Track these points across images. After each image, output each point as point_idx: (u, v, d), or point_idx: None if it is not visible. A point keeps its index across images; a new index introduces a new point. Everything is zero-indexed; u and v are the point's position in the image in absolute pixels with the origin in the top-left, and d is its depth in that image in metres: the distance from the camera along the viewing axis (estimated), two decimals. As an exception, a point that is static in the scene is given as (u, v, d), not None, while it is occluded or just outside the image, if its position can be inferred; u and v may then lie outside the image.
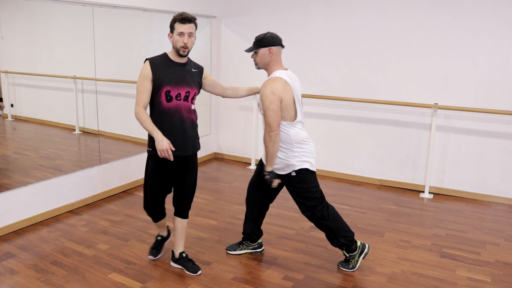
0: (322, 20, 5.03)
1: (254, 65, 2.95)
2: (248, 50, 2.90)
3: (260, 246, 3.35)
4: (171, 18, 2.71)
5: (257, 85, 3.17)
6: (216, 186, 4.95)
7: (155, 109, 2.77)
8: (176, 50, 2.74)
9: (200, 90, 2.92)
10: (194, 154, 2.95)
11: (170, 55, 2.79)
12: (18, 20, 3.83)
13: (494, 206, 4.42)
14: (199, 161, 5.84)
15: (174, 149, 2.69)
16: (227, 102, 5.84)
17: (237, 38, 5.64)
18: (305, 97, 5.18)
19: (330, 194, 4.62)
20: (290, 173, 2.90)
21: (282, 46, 2.90)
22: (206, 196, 4.59)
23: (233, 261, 3.23)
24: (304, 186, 2.91)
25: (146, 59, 2.76)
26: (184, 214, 3.05)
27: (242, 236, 3.35)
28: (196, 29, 2.73)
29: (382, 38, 4.74)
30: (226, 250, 3.36)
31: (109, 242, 3.47)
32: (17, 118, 4.08)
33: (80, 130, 4.51)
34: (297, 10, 5.15)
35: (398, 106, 4.77)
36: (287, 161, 2.87)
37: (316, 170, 2.97)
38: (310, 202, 2.93)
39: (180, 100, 2.75)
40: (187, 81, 2.78)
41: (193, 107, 2.85)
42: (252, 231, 3.27)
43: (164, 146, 2.61)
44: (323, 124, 5.25)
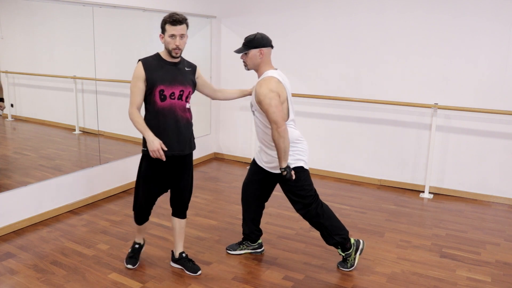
0: (322, 20, 5.03)
1: (244, 66, 2.94)
2: (238, 51, 2.88)
3: (260, 246, 3.35)
4: (162, 19, 2.69)
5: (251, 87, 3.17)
6: (216, 186, 4.95)
7: (150, 108, 2.77)
8: (168, 52, 2.74)
9: (194, 88, 2.91)
10: (190, 154, 2.95)
11: (163, 55, 2.79)
12: (18, 20, 3.83)
13: (494, 206, 4.42)
14: (199, 161, 5.84)
15: (166, 149, 2.69)
16: (227, 102, 5.83)
17: (237, 38, 5.64)
18: (305, 97, 5.20)
19: (330, 194, 4.62)
20: None
21: (272, 46, 2.90)
22: (206, 196, 4.59)
23: (233, 261, 3.23)
24: (298, 184, 2.92)
25: (139, 60, 2.76)
26: (181, 214, 3.05)
27: (242, 236, 3.36)
28: (187, 28, 2.72)
29: (382, 38, 4.74)
30: (226, 250, 3.36)
31: (109, 242, 3.47)
32: (17, 118, 4.08)
33: (80, 130, 4.51)
34: (297, 10, 5.15)
35: (398, 106, 4.77)
36: None
37: (309, 168, 3.00)
38: (305, 200, 2.95)
39: (174, 99, 2.75)
40: (181, 80, 2.78)
41: (187, 106, 2.84)
42: (251, 231, 3.27)
43: (155, 146, 2.62)
44: (323, 124, 5.25)
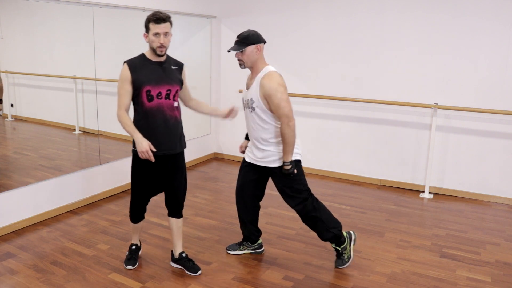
0: (322, 20, 5.03)
1: (240, 65, 2.89)
2: (234, 49, 2.82)
3: (260, 246, 3.35)
4: (145, 18, 2.69)
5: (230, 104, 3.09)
6: (216, 186, 4.95)
7: (138, 109, 2.78)
8: (153, 50, 2.74)
9: (182, 86, 2.90)
10: (181, 153, 2.95)
11: (148, 55, 2.79)
12: (18, 20, 3.83)
13: (494, 206, 4.42)
14: (199, 161, 5.84)
15: (155, 150, 2.70)
16: (227, 103, 5.83)
17: (237, 38, 5.64)
18: (305, 97, 5.20)
19: (330, 194, 4.62)
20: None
21: (265, 42, 2.90)
22: (206, 196, 4.59)
23: (233, 261, 3.23)
24: (297, 178, 2.94)
25: (124, 62, 2.77)
26: (177, 214, 3.05)
27: (243, 236, 3.36)
28: (171, 26, 2.72)
29: (382, 38, 4.74)
30: (226, 250, 3.36)
31: (109, 242, 3.47)
32: (17, 118, 4.08)
33: (80, 130, 4.50)
34: (297, 10, 5.15)
35: (398, 106, 4.77)
36: (281, 153, 2.90)
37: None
38: (302, 194, 2.98)
39: (161, 98, 2.75)
40: (167, 79, 2.78)
41: (176, 104, 2.84)
42: (250, 232, 3.27)
43: (144, 147, 2.62)
44: (323, 124, 5.25)
